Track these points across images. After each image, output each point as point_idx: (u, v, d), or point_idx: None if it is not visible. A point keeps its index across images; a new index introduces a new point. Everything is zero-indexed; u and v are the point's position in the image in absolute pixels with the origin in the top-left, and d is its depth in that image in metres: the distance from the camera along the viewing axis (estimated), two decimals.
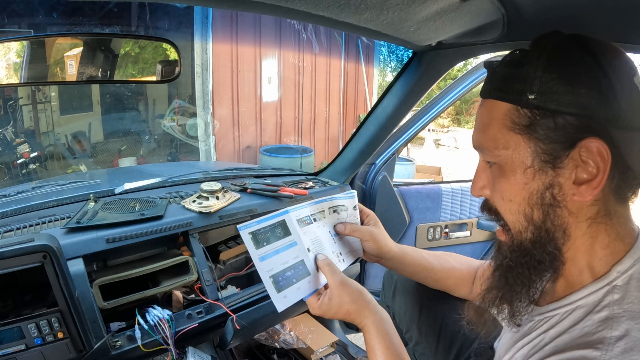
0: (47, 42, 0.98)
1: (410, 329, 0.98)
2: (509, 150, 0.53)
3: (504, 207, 0.57)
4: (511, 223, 0.56)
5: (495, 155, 0.55)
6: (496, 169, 0.56)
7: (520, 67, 0.52)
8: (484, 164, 0.60)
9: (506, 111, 0.53)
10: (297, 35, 5.11)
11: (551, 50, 0.51)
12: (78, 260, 0.87)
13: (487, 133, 0.55)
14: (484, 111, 0.57)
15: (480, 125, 0.57)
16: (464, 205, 1.74)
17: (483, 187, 0.61)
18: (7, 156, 3.76)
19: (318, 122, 5.77)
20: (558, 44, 0.51)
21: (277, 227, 0.75)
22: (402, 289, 1.00)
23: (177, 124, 4.62)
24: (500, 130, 0.54)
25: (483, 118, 0.57)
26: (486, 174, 0.59)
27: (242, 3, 0.63)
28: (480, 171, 0.61)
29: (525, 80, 0.50)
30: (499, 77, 0.55)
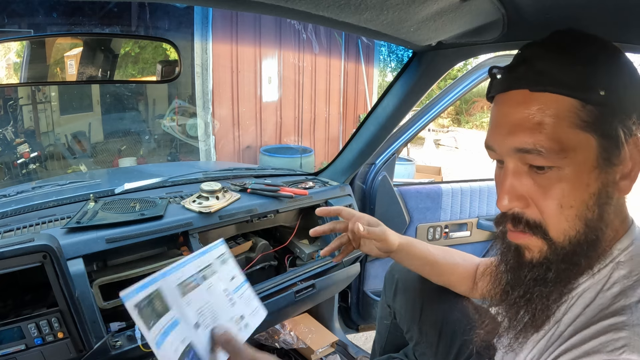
0: (47, 42, 0.98)
1: (411, 329, 0.98)
2: (577, 151, 0.48)
3: (558, 216, 0.50)
4: (561, 231, 0.50)
5: (560, 158, 0.48)
6: (552, 173, 0.49)
7: (586, 60, 0.48)
8: (520, 169, 0.51)
9: (571, 107, 0.47)
10: (297, 35, 5.11)
11: (599, 44, 0.50)
12: (78, 260, 0.87)
13: (547, 132, 0.48)
14: (537, 106, 0.49)
15: (529, 124, 0.49)
16: (464, 205, 1.74)
17: (517, 198, 0.51)
18: (7, 156, 3.76)
19: (318, 122, 5.77)
20: (594, 39, 0.50)
21: (153, 299, 0.56)
22: (403, 288, 1.00)
23: (177, 124, 4.62)
24: (566, 128, 0.48)
25: (535, 114, 0.49)
26: (523, 181, 0.51)
27: (242, 3, 0.63)
28: (511, 179, 0.51)
29: (595, 75, 0.47)
30: (559, 67, 0.48)
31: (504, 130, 0.51)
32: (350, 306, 1.76)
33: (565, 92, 0.47)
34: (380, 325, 1.12)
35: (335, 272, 1.32)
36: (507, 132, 0.51)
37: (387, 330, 1.09)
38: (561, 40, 0.51)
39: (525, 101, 0.50)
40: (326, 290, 1.31)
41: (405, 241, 0.90)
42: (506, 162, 0.52)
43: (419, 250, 0.91)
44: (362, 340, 1.88)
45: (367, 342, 1.86)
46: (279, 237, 1.45)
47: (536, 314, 0.53)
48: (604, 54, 0.49)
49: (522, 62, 0.52)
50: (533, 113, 0.49)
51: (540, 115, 0.48)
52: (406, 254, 0.90)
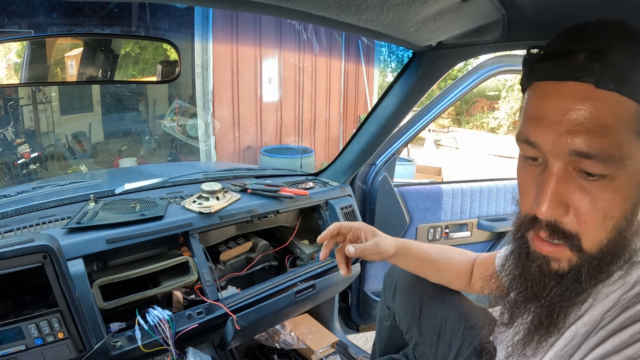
0: (48, 43, 0.98)
1: (410, 329, 0.98)
2: (633, 160, 0.44)
3: (598, 227, 0.46)
4: (596, 242, 0.47)
5: (618, 168, 0.44)
6: (606, 183, 0.45)
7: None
8: (569, 173, 0.46)
9: (635, 112, 0.43)
10: (297, 35, 5.11)
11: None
12: (78, 260, 0.87)
13: (610, 137, 0.43)
14: (603, 106, 0.43)
15: (593, 124, 0.44)
16: (464, 205, 1.74)
17: (562, 205, 0.47)
18: (8, 156, 3.76)
19: (318, 123, 5.77)
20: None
21: None
22: (402, 289, 1.00)
23: (177, 124, 4.63)
24: (627, 135, 0.44)
25: (600, 115, 0.43)
26: (571, 188, 0.46)
27: (242, 3, 0.62)
28: (560, 183, 0.46)
29: None
30: (629, 67, 0.43)
31: (560, 128, 0.45)
32: (350, 306, 1.76)
33: (635, 96, 0.43)
34: (380, 327, 1.12)
35: (336, 273, 1.31)
36: (565, 131, 0.45)
37: (387, 331, 1.09)
38: (624, 31, 0.46)
39: (591, 97, 0.44)
40: (326, 291, 1.31)
41: (401, 245, 0.91)
42: (552, 163, 0.47)
43: (414, 251, 0.92)
44: (363, 340, 1.88)
45: (367, 342, 1.86)
46: (279, 238, 1.45)
47: (556, 321, 0.51)
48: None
49: (582, 49, 0.45)
50: (599, 113, 0.43)
51: (605, 117, 0.43)
52: (402, 257, 0.92)
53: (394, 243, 0.90)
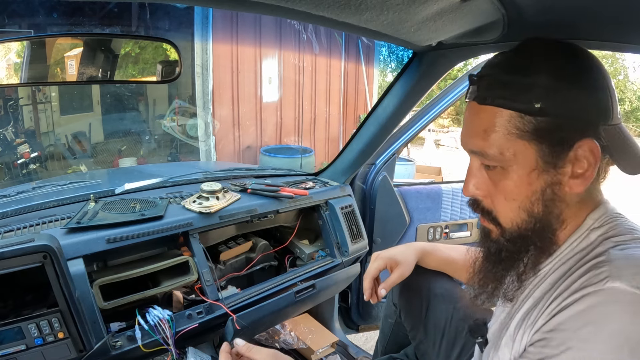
0: (48, 43, 0.98)
1: (415, 327, 0.98)
2: (516, 155, 0.55)
3: (504, 206, 0.59)
4: (508, 219, 0.59)
5: (500, 160, 0.56)
6: (498, 172, 0.58)
7: (523, 75, 0.53)
8: (479, 165, 0.61)
9: (510, 118, 0.54)
10: (297, 35, 5.11)
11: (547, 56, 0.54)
12: (78, 260, 0.87)
13: (490, 139, 0.56)
14: (484, 117, 0.57)
15: (478, 131, 0.57)
16: (464, 205, 1.74)
17: (477, 188, 0.62)
18: (8, 156, 3.76)
19: (318, 123, 5.77)
20: (548, 50, 0.55)
21: None
22: (410, 286, 1.01)
23: (177, 124, 4.63)
24: (505, 136, 0.55)
25: (482, 123, 0.57)
26: (481, 175, 0.61)
27: (242, 3, 0.63)
28: (474, 172, 0.62)
29: (532, 89, 0.52)
30: (500, 84, 0.55)
31: (464, 133, 0.61)
32: (350, 306, 1.76)
33: (506, 105, 0.54)
34: (385, 324, 1.12)
35: (336, 273, 1.32)
36: (466, 135, 0.61)
37: (390, 329, 1.10)
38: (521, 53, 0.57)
39: (477, 111, 0.58)
40: (326, 291, 1.31)
41: (419, 255, 0.98)
42: (470, 158, 0.62)
43: (433, 261, 0.99)
44: (362, 340, 1.88)
45: (367, 342, 1.86)
46: (279, 238, 1.45)
47: (507, 287, 0.62)
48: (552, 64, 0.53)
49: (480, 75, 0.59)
50: (480, 122, 0.57)
51: (488, 124, 0.56)
52: (422, 264, 0.99)
53: (412, 260, 0.97)
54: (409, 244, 1.01)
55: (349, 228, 1.37)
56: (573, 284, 0.52)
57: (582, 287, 0.50)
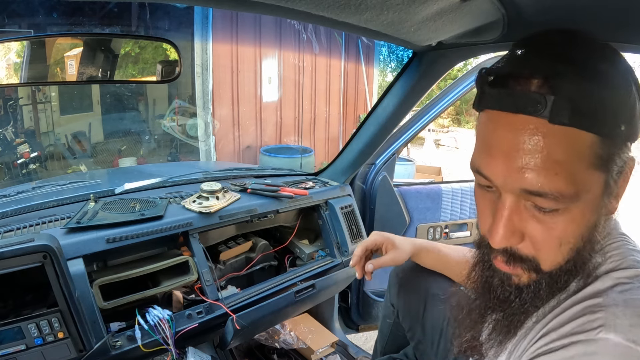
0: (47, 42, 0.98)
1: (413, 327, 0.98)
2: (589, 191, 0.43)
3: (555, 252, 0.46)
4: (554, 264, 0.48)
5: (572, 202, 0.43)
6: (560, 214, 0.44)
7: (612, 88, 0.42)
8: (521, 207, 0.46)
9: (592, 144, 0.42)
10: (297, 35, 5.11)
11: (618, 65, 0.45)
12: (78, 260, 0.87)
13: (565, 174, 0.42)
14: (556, 143, 0.41)
15: (545, 163, 0.42)
16: (464, 205, 1.74)
17: (514, 236, 0.47)
18: (7, 156, 3.76)
19: (318, 122, 5.77)
20: (615, 56, 0.46)
21: None
22: (407, 287, 1.01)
23: (177, 124, 4.62)
24: (581, 169, 0.42)
25: (553, 152, 0.41)
26: (524, 217, 0.46)
27: (242, 3, 0.62)
28: (510, 216, 0.46)
29: (619, 106, 0.42)
30: (586, 96, 0.41)
31: (511, 164, 0.44)
32: (350, 306, 1.76)
33: (591, 128, 0.41)
34: (383, 324, 1.12)
35: (336, 272, 1.32)
36: (516, 168, 0.43)
37: (389, 329, 1.10)
38: (582, 48, 0.44)
39: (544, 133, 0.42)
40: (326, 291, 1.31)
41: (416, 250, 0.96)
42: (505, 197, 0.46)
43: (430, 259, 0.97)
44: (362, 340, 1.88)
45: (367, 342, 1.86)
46: (279, 237, 1.45)
47: (514, 329, 0.52)
48: (626, 77, 0.44)
49: (535, 75, 0.43)
50: (553, 149, 0.41)
51: (560, 153, 0.41)
52: (417, 258, 0.97)
53: (409, 247, 0.95)
54: (410, 238, 1.00)
55: (348, 228, 1.37)
56: (564, 325, 0.45)
57: (573, 332, 0.44)
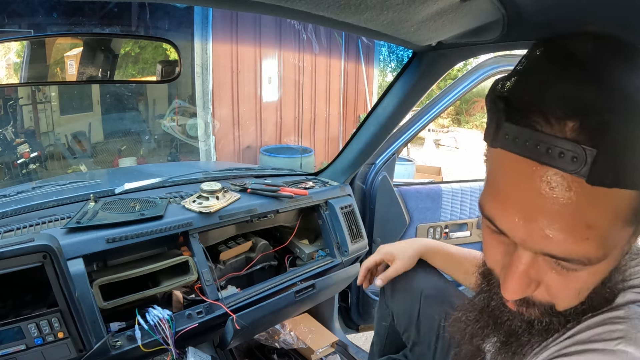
0: (47, 42, 0.98)
1: (408, 329, 0.97)
2: (618, 247, 0.38)
3: (571, 299, 0.42)
4: (569, 306, 0.44)
5: (596, 261, 0.38)
6: (583, 271, 0.39)
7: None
8: (537, 262, 0.40)
9: (631, 200, 0.35)
10: (297, 35, 5.11)
11: None
12: (78, 260, 0.87)
13: (597, 239, 0.36)
14: (589, 205, 0.35)
15: (577, 226, 0.36)
16: (464, 205, 1.74)
17: (531, 284, 0.42)
18: (7, 156, 3.76)
19: (318, 122, 5.77)
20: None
21: None
22: (402, 289, 1.00)
23: (177, 124, 4.62)
24: (614, 229, 0.36)
25: (586, 216, 0.35)
26: (542, 269, 0.41)
27: (242, 3, 0.62)
28: (530, 268, 0.41)
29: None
30: (628, 148, 0.33)
31: (532, 225, 0.37)
32: (350, 306, 1.76)
33: (635, 185, 0.34)
34: (379, 327, 1.12)
35: (336, 272, 1.32)
36: (537, 229, 0.37)
37: (385, 331, 1.09)
38: (634, 77, 0.34)
39: (576, 193, 0.34)
40: (326, 291, 1.31)
41: (423, 252, 0.97)
42: (522, 252, 0.40)
43: (439, 261, 0.97)
44: (362, 340, 1.88)
45: (367, 342, 1.86)
46: (279, 237, 1.45)
47: (522, 354, 0.49)
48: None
49: (573, 115, 0.33)
50: (586, 213, 0.35)
51: (594, 216, 0.35)
52: (427, 260, 0.99)
53: (413, 255, 0.96)
54: (413, 240, 1.01)
55: (348, 228, 1.37)
56: (582, 332, 0.43)
57: (591, 340, 0.41)
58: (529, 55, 0.40)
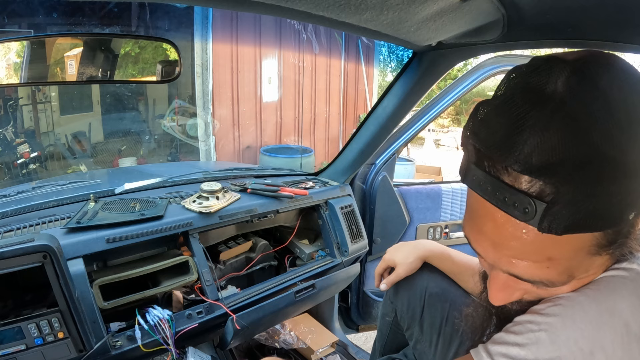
0: (47, 42, 0.98)
1: (412, 327, 0.98)
2: (589, 271, 0.44)
3: (559, 293, 0.47)
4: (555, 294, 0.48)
5: (563, 283, 0.44)
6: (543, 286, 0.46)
7: (622, 180, 0.36)
8: (513, 280, 0.46)
9: (592, 239, 0.40)
10: (297, 35, 5.11)
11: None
12: (78, 260, 0.87)
13: (555, 268, 0.42)
14: (548, 245, 0.40)
15: (536, 258, 0.41)
16: (464, 205, 1.74)
17: (512, 294, 0.48)
18: (7, 156, 3.76)
19: (318, 122, 5.77)
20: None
21: None
22: (406, 286, 1.01)
23: (177, 124, 4.62)
24: (581, 259, 0.42)
25: (545, 251, 0.40)
26: (515, 281, 0.46)
27: (242, 3, 0.62)
28: (506, 285, 0.47)
29: (630, 196, 0.37)
30: (590, 203, 0.36)
31: (499, 252, 0.43)
32: (350, 306, 1.76)
33: (593, 229, 0.38)
34: (382, 323, 1.12)
35: (336, 272, 1.32)
36: (504, 256, 0.43)
37: (388, 327, 1.09)
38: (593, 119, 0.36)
39: (534, 234, 0.39)
40: (326, 291, 1.31)
41: (427, 257, 0.99)
42: (496, 272, 0.47)
43: (443, 267, 0.98)
44: (362, 340, 1.88)
45: (367, 342, 1.86)
46: (279, 237, 1.45)
47: None
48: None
49: (526, 169, 0.37)
50: (544, 250, 0.40)
51: (553, 252, 0.40)
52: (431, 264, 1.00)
53: (416, 260, 0.98)
54: (417, 244, 1.03)
55: (348, 228, 1.37)
56: None
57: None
58: (505, 82, 0.43)
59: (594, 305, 0.42)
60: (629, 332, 0.40)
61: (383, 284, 1.02)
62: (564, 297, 0.45)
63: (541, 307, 0.46)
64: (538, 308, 0.46)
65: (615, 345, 0.40)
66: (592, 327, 0.41)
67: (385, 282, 1.02)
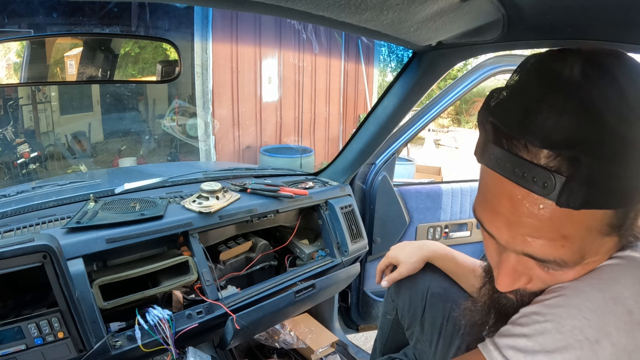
0: (47, 42, 0.98)
1: (412, 326, 0.98)
2: (599, 253, 0.45)
3: (563, 282, 0.48)
4: None
5: (577, 263, 0.45)
6: (567, 270, 0.46)
7: (636, 163, 0.39)
8: (523, 262, 0.47)
9: (605, 217, 0.41)
10: (297, 35, 5.11)
11: None
12: (78, 260, 0.87)
13: (569, 247, 0.42)
14: (563, 221, 0.41)
15: (551, 236, 0.42)
16: (464, 205, 1.74)
17: (522, 277, 0.49)
18: (7, 156, 3.76)
19: (318, 122, 5.77)
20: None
21: None
22: (408, 285, 1.01)
23: (177, 124, 4.62)
24: (590, 239, 0.43)
25: (560, 228, 0.41)
26: (530, 266, 0.48)
27: (242, 3, 0.62)
28: (515, 269, 0.48)
29: (638, 178, 0.39)
30: (599, 172, 0.38)
31: (514, 231, 0.44)
32: (350, 306, 1.76)
33: (606, 206, 0.40)
34: (383, 321, 1.12)
35: (335, 272, 1.32)
36: (519, 235, 0.44)
37: (389, 326, 1.10)
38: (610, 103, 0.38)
39: (551, 210, 0.41)
40: (326, 290, 1.31)
41: (430, 258, 0.99)
42: (508, 254, 0.48)
43: (446, 268, 0.98)
44: (362, 340, 1.88)
45: (367, 342, 1.86)
46: (279, 237, 1.45)
47: None
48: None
49: (547, 143, 0.39)
50: (559, 226, 0.41)
51: (568, 230, 0.41)
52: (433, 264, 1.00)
53: (419, 260, 0.98)
54: (421, 244, 1.03)
55: (348, 228, 1.37)
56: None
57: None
58: (520, 69, 0.46)
59: (598, 294, 0.43)
60: (632, 320, 0.41)
61: (384, 281, 1.02)
62: (568, 287, 0.46)
63: (546, 298, 0.47)
64: (543, 299, 0.47)
65: (619, 333, 0.41)
66: (597, 315, 0.42)
67: (386, 279, 1.01)
